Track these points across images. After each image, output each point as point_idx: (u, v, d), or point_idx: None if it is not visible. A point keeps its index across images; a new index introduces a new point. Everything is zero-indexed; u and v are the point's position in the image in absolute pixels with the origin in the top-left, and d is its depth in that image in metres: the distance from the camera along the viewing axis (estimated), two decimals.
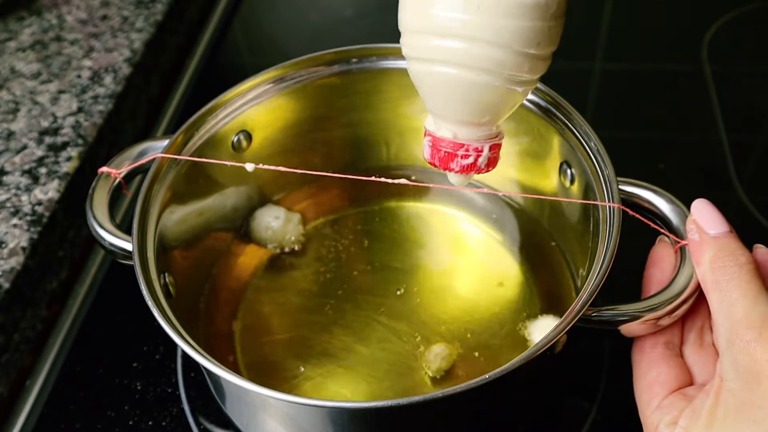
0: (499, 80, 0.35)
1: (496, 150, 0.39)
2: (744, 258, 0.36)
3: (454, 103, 0.37)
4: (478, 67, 0.34)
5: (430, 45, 0.35)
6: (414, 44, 0.36)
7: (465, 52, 0.34)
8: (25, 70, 0.67)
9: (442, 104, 0.37)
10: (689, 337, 0.41)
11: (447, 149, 0.38)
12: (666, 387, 0.39)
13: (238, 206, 0.55)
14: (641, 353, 0.41)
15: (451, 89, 0.36)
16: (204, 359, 0.37)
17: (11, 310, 0.51)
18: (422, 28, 0.35)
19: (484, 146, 0.38)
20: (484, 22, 0.33)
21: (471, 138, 0.38)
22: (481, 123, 0.38)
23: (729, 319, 0.35)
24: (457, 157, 0.38)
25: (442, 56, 0.35)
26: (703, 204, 0.39)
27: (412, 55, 0.37)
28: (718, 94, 0.70)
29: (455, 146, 0.38)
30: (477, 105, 0.36)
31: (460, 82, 0.35)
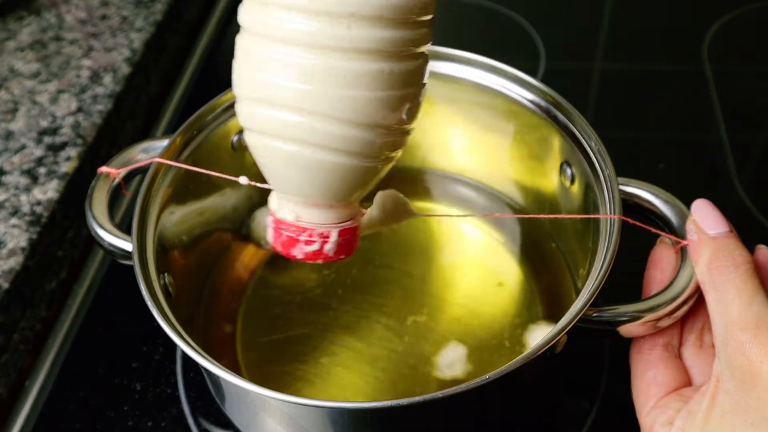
0: (344, 158, 0.31)
1: (347, 234, 0.34)
2: (741, 258, 0.36)
3: (294, 182, 0.32)
4: (317, 144, 0.30)
5: (263, 115, 0.30)
6: (247, 113, 0.31)
7: (301, 127, 0.30)
8: (24, 69, 0.67)
9: (282, 182, 0.33)
10: (688, 339, 0.41)
11: (289, 233, 0.33)
12: (663, 388, 0.39)
13: (237, 206, 0.55)
14: (639, 354, 0.41)
15: (290, 166, 0.31)
16: (203, 359, 0.37)
17: (10, 311, 0.51)
18: (255, 96, 0.30)
19: (331, 231, 0.33)
20: (321, 93, 0.29)
21: (316, 221, 0.33)
22: (328, 205, 0.33)
23: (724, 319, 0.35)
24: (300, 242, 0.33)
25: (277, 130, 0.30)
26: (703, 204, 0.39)
27: (245, 124, 0.32)
28: (718, 94, 0.70)
29: (297, 230, 0.33)
30: (320, 185, 0.32)
31: (298, 160, 0.31)
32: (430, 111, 0.55)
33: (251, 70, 0.30)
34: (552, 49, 0.74)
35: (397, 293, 0.51)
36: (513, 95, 0.49)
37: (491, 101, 0.51)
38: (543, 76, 0.71)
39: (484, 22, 0.80)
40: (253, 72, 0.30)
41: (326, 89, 0.29)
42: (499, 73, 0.50)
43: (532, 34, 0.76)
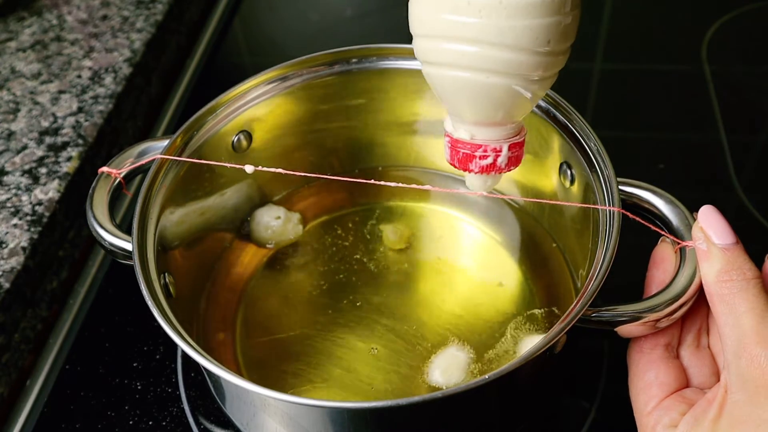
0: (512, 81, 0.35)
1: (516, 149, 0.38)
2: (751, 273, 0.36)
3: (468, 105, 0.36)
4: (488, 69, 0.34)
5: (439, 48, 0.35)
6: (424, 48, 0.36)
7: (473, 55, 0.34)
8: (25, 70, 0.67)
9: (457, 106, 0.37)
10: (687, 339, 0.41)
11: (465, 150, 0.37)
12: (664, 389, 0.39)
13: (238, 206, 0.55)
14: (640, 353, 0.41)
15: (464, 92, 0.35)
16: (203, 359, 0.37)
17: (11, 310, 0.51)
18: (430, 32, 0.35)
19: (503, 146, 0.37)
20: (488, 25, 0.33)
21: (489, 138, 0.37)
22: (498, 123, 0.37)
23: (736, 332, 0.35)
24: (476, 158, 0.37)
25: (451, 60, 0.34)
26: (710, 212, 0.39)
27: (423, 58, 0.36)
28: (718, 94, 0.70)
29: (473, 147, 0.37)
30: (491, 106, 0.36)
31: (472, 85, 0.35)
32: (430, 111, 0.55)
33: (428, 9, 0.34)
34: None
35: (397, 293, 0.51)
36: None
37: None
38: None
39: None
40: (428, 10, 0.34)
41: (498, 21, 0.32)
42: None
43: None
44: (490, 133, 0.37)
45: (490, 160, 0.38)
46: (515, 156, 0.38)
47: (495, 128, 0.37)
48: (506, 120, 0.37)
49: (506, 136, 0.38)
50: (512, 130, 0.38)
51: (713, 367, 0.40)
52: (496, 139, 0.37)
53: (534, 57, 0.34)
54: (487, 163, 0.38)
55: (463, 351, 0.47)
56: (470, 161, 0.38)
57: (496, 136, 0.37)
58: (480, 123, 0.37)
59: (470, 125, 0.37)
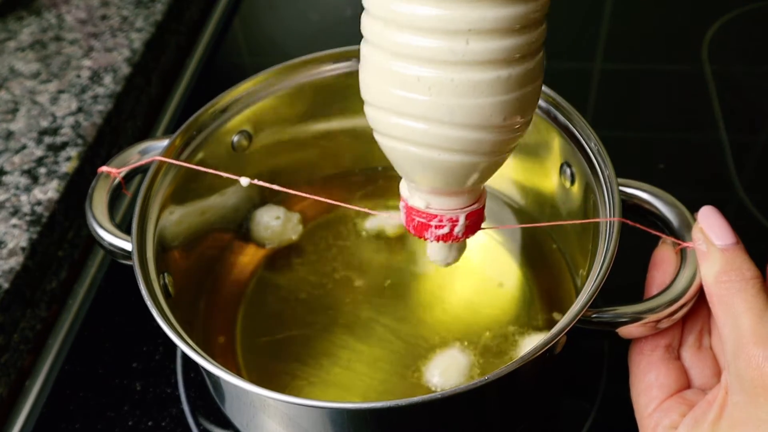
0: (466, 157, 0.33)
1: (473, 217, 0.36)
2: (750, 273, 0.36)
3: (422, 176, 0.34)
4: (439, 146, 0.32)
5: (388, 122, 0.33)
6: (373, 117, 0.34)
7: (423, 132, 0.32)
8: (24, 69, 0.67)
9: (411, 175, 0.35)
10: (688, 340, 0.41)
11: (420, 219, 0.36)
12: (665, 390, 0.39)
13: (237, 206, 0.55)
14: (641, 355, 0.40)
15: (416, 165, 0.33)
16: (202, 359, 0.37)
17: (11, 311, 0.51)
18: (379, 104, 0.33)
19: (459, 216, 0.36)
20: (438, 103, 0.30)
21: (445, 208, 0.36)
22: (455, 193, 0.35)
23: (735, 332, 0.35)
24: (431, 227, 0.36)
25: (400, 135, 0.32)
26: (711, 212, 0.39)
27: (374, 127, 0.34)
28: (718, 94, 0.70)
29: (428, 216, 0.36)
30: (445, 179, 0.34)
31: (423, 160, 0.33)
32: None
33: (376, 81, 0.32)
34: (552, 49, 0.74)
35: (397, 294, 0.51)
36: None
37: None
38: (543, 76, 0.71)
39: None
40: (376, 82, 0.32)
41: (448, 100, 0.30)
42: None
43: None
44: (447, 202, 0.35)
45: (446, 230, 0.36)
46: (473, 223, 0.37)
47: (451, 198, 0.35)
48: (464, 190, 0.35)
49: (463, 205, 0.36)
50: (470, 199, 0.36)
51: (715, 368, 0.39)
52: (452, 208, 0.36)
53: (488, 134, 0.32)
54: (443, 232, 0.36)
55: (462, 352, 0.47)
56: (425, 230, 0.36)
57: (452, 206, 0.36)
58: (436, 192, 0.35)
59: (425, 193, 0.35)
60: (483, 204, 0.37)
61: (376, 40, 0.31)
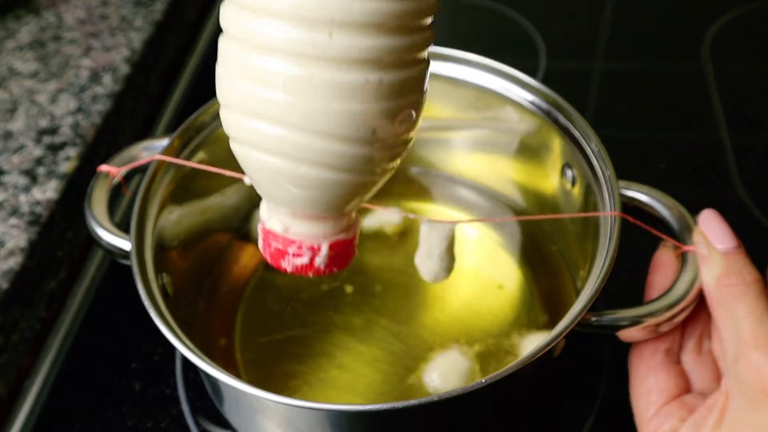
0: (331, 173, 0.28)
1: (340, 247, 0.32)
2: (751, 277, 0.36)
3: (280, 194, 0.29)
4: (298, 157, 0.27)
5: (244, 125, 0.28)
6: (229, 121, 0.29)
7: (282, 140, 0.27)
8: (23, 69, 0.67)
9: (268, 192, 0.30)
10: (688, 344, 0.40)
11: (277, 245, 0.31)
12: (664, 395, 0.39)
13: (237, 206, 0.55)
14: (640, 359, 0.40)
15: (274, 179, 0.29)
16: (200, 361, 0.37)
17: (10, 311, 0.51)
18: (235, 104, 0.28)
19: (321, 244, 0.31)
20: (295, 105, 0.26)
21: (305, 234, 0.31)
22: (318, 216, 0.31)
23: (735, 337, 0.35)
24: (288, 255, 0.31)
25: (255, 140, 0.28)
26: (711, 215, 0.39)
27: (228, 132, 0.30)
28: (718, 94, 0.70)
29: (285, 242, 0.31)
30: (307, 198, 0.29)
31: (282, 173, 0.28)
32: (430, 112, 0.55)
33: (231, 77, 0.28)
34: (552, 49, 0.74)
35: (397, 295, 0.51)
36: (513, 97, 0.49)
37: (491, 102, 0.51)
38: (543, 77, 0.71)
39: (484, 22, 0.80)
40: (232, 79, 0.28)
41: (306, 101, 0.26)
42: (500, 74, 0.49)
43: (532, 34, 0.76)
44: (308, 227, 0.31)
45: (305, 260, 0.31)
46: (338, 255, 0.32)
47: (314, 222, 0.31)
48: (327, 214, 0.31)
49: (327, 233, 0.31)
50: (336, 226, 0.31)
51: (715, 373, 0.39)
52: (314, 235, 0.31)
53: (355, 148, 0.27)
54: (303, 262, 0.31)
55: (462, 354, 0.47)
56: (282, 258, 0.32)
57: (314, 232, 0.31)
58: (295, 215, 0.30)
59: (284, 215, 0.31)
60: (353, 235, 0.33)
61: (232, 30, 0.27)
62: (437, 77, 0.51)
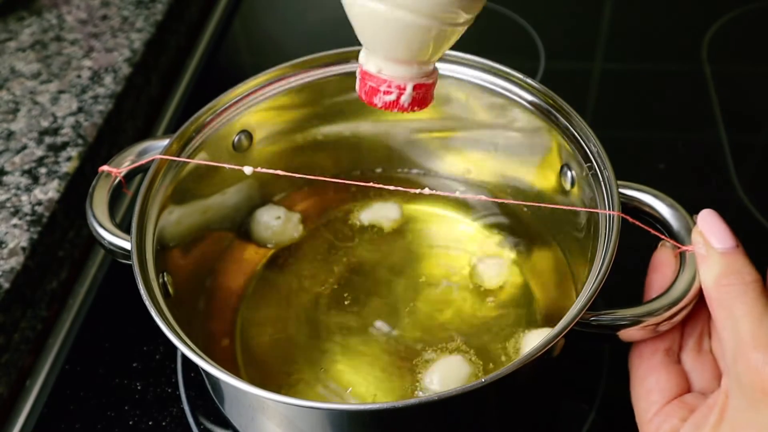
0: (420, 18, 0.34)
1: (421, 89, 0.38)
2: (750, 277, 0.36)
3: (377, 38, 0.36)
4: (399, 4, 0.33)
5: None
6: None
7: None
8: (25, 70, 0.67)
9: (368, 38, 0.37)
10: (688, 343, 0.40)
11: (372, 83, 0.37)
12: (665, 394, 0.39)
13: (238, 206, 0.55)
14: (640, 359, 0.40)
15: (374, 24, 0.35)
16: (200, 360, 0.37)
17: (11, 310, 0.51)
18: None
19: (407, 84, 0.37)
20: None
21: (396, 75, 0.37)
22: (405, 60, 0.37)
23: (734, 337, 0.35)
24: (380, 92, 0.37)
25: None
26: (710, 215, 0.39)
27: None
28: (718, 94, 0.70)
29: (378, 81, 0.37)
30: (400, 42, 0.35)
31: (381, 18, 0.34)
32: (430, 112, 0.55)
33: None
34: (552, 50, 0.74)
35: (397, 295, 0.51)
36: (513, 97, 0.49)
37: (491, 103, 0.51)
38: (543, 77, 0.71)
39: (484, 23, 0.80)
40: None
41: None
42: (499, 74, 0.50)
43: (532, 35, 0.76)
44: (397, 69, 0.37)
45: (393, 97, 0.38)
46: (421, 97, 0.38)
47: (402, 65, 0.37)
48: (412, 58, 0.37)
49: (412, 76, 0.37)
50: (420, 70, 0.37)
51: (715, 372, 0.39)
52: (401, 76, 0.37)
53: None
54: (391, 99, 0.37)
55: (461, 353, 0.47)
56: (375, 95, 0.38)
57: (402, 74, 0.37)
58: (389, 58, 0.37)
59: (380, 59, 0.37)
60: (433, 80, 0.39)
61: None
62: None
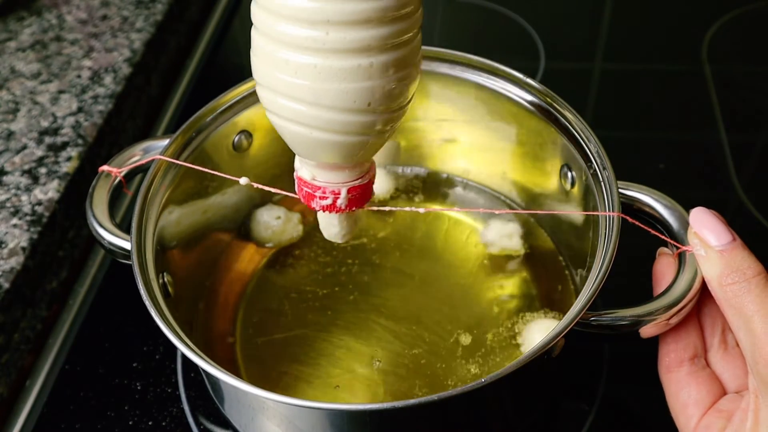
0: (342, 137, 0.35)
1: (357, 191, 0.39)
2: (752, 271, 0.35)
3: (306, 150, 0.37)
4: (313, 126, 0.35)
5: (272, 100, 0.35)
6: (261, 95, 0.36)
7: (299, 113, 0.34)
8: (25, 70, 0.67)
9: (297, 149, 0.38)
10: (713, 343, 0.40)
11: (307, 189, 0.39)
12: (700, 406, 0.38)
13: (238, 206, 0.55)
14: (668, 373, 0.39)
15: (299, 141, 0.36)
16: (200, 360, 0.37)
17: (11, 310, 0.52)
18: (263, 83, 0.35)
19: (341, 189, 0.38)
20: (305, 86, 0.33)
21: (328, 181, 0.38)
22: (337, 167, 0.38)
23: (749, 336, 0.34)
24: (316, 197, 0.39)
25: (283, 113, 0.35)
26: (701, 213, 0.38)
27: (264, 105, 0.37)
28: (718, 94, 0.70)
29: (313, 188, 0.39)
30: (326, 154, 0.37)
31: (304, 137, 0.35)
32: (430, 112, 0.55)
33: (262, 63, 0.35)
34: (552, 50, 0.75)
35: (396, 294, 0.51)
36: (513, 97, 0.49)
37: (492, 103, 0.51)
38: (543, 77, 0.71)
39: (484, 23, 0.80)
40: (262, 65, 0.35)
41: (313, 83, 0.33)
42: (500, 74, 0.50)
43: (532, 35, 0.76)
44: (329, 176, 0.38)
45: (329, 201, 0.39)
46: (357, 197, 0.39)
47: (334, 172, 0.38)
48: (343, 165, 0.38)
49: (345, 180, 0.38)
50: (352, 174, 0.39)
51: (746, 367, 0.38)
52: (335, 182, 0.38)
53: (356, 116, 0.34)
54: (327, 203, 0.39)
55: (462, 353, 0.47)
56: (311, 200, 0.39)
57: (335, 180, 0.38)
58: (319, 166, 0.38)
59: (311, 166, 0.38)
60: (369, 179, 0.40)
61: (261, 27, 0.34)
62: (438, 77, 0.51)
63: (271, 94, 0.35)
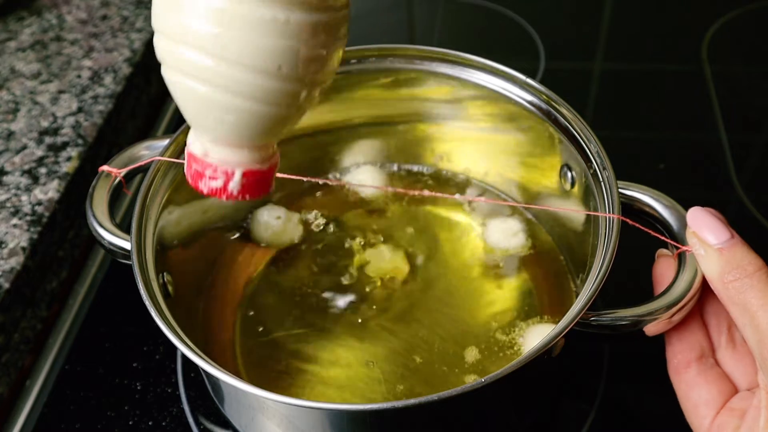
0: (249, 103, 0.31)
1: (253, 176, 0.34)
2: (752, 267, 0.35)
3: (203, 119, 0.33)
4: (224, 86, 0.31)
5: (177, 53, 0.31)
6: (162, 47, 0.32)
7: (209, 69, 0.30)
8: (25, 70, 0.67)
9: (191, 117, 0.33)
10: (720, 342, 0.39)
11: (197, 167, 0.34)
12: (712, 406, 0.38)
13: (238, 206, 0.55)
14: (677, 375, 0.39)
15: (199, 105, 0.32)
16: (200, 360, 0.37)
17: (11, 310, 0.52)
18: (170, 32, 0.31)
19: (235, 170, 0.34)
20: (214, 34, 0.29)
21: (222, 159, 0.34)
22: (235, 144, 0.33)
23: (755, 332, 0.34)
24: (205, 177, 0.34)
25: (188, 69, 0.31)
26: (698, 212, 0.38)
27: (161, 58, 0.33)
28: (718, 94, 0.70)
29: (204, 165, 0.34)
30: (226, 125, 0.32)
31: (206, 100, 0.31)
32: (431, 112, 0.55)
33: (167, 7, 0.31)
34: (552, 50, 0.75)
35: (396, 294, 0.51)
36: (513, 97, 0.49)
37: (492, 103, 0.51)
38: (543, 77, 0.71)
39: (484, 23, 0.80)
40: (167, 8, 0.31)
41: (224, 31, 0.30)
42: (500, 75, 0.50)
43: (532, 35, 0.76)
44: (225, 154, 0.33)
45: (219, 183, 0.34)
46: (251, 184, 0.34)
47: (231, 149, 0.33)
48: (242, 143, 0.33)
49: (242, 161, 0.34)
50: (251, 156, 0.34)
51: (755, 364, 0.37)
52: (229, 161, 0.34)
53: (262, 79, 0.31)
54: (217, 186, 0.34)
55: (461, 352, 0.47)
56: (200, 179, 0.34)
57: (230, 159, 0.34)
58: (217, 141, 0.33)
59: (206, 141, 0.34)
60: (270, 167, 0.35)
61: None
62: (437, 77, 0.51)
63: (171, 43, 0.31)
